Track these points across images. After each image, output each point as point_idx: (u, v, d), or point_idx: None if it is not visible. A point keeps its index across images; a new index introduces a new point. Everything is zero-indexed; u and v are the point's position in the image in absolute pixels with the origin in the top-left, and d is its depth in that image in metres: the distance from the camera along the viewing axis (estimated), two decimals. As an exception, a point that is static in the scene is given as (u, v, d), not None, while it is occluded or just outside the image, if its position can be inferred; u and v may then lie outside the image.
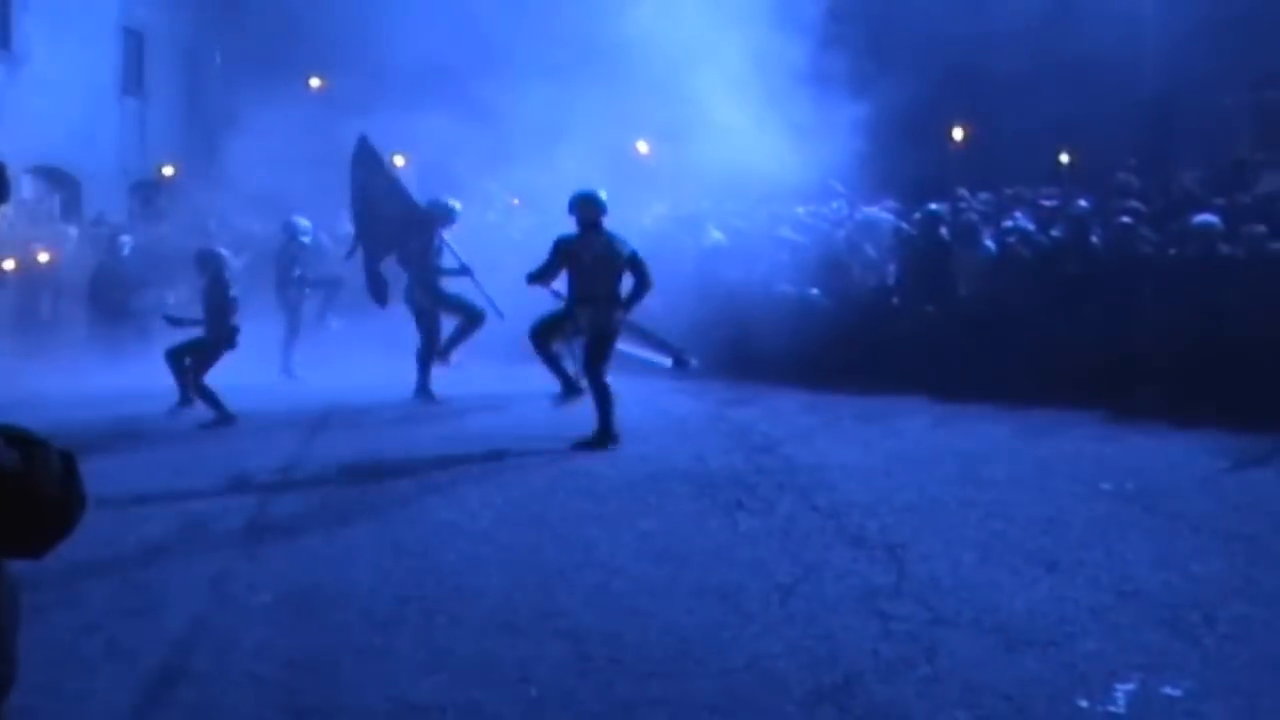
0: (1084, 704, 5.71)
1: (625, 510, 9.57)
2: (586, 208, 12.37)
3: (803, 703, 5.78)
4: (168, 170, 29.11)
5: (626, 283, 12.37)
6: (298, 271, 17.31)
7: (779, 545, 8.53)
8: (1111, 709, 5.67)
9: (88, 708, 5.68)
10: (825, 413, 13.84)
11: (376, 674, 6.11)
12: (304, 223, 17.93)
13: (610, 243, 12.31)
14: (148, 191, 29.73)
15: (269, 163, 20.34)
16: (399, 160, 24.87)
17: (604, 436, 12.06)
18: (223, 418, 13.53)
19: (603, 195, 12.48)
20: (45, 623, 6.39)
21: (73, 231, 23.42)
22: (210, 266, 13.99)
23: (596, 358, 12.24)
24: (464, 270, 15.11)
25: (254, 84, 25.28)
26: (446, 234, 15.27)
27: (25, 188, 29.05)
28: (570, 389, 12.86)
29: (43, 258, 21.12)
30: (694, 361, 14.32)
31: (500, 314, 14.87)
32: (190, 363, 13.95)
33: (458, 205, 15.63)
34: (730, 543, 8.68)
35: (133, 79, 32.83)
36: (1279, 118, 21.49)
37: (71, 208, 28.86)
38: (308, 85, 28.49)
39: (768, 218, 18.74)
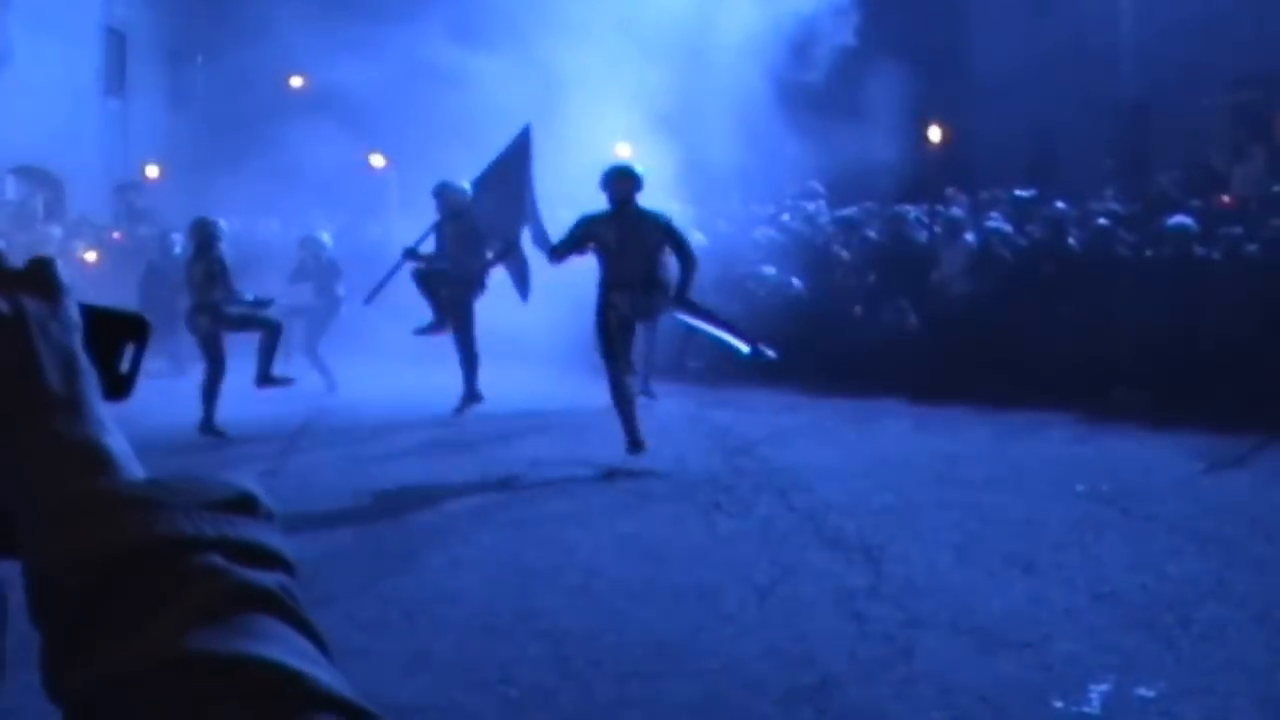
0: (1059, 705, 5.75)
1: (604, 512, 9.59)
2: (619, 182, 11.27)
3: (780, 703, 5.81)
4: (151, 171, 29.02)
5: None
6: (340, 290, 16.06)
7: (757, 547, 8.56)
8: (1086, 710, 5.71)
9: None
10: (803, 414, 13.86)
11: (359, 675, 6.04)
12: (326, 237, 16.79)
13: (640, 222, 11.23)
14: (130, 192, 29.62)
15: (252, 163, 20.29)
16: (378, 161, 24.84)
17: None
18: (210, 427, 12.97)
19: (639, 169, 11.56)
20: (29, 620, 6.39)
21: (56, 232, 23.32)
22: (199, 234, 13.20)
23: (618, 345, 11.24)
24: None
25: (237, 84, 25.24)
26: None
27: (9, 189, 28.97)
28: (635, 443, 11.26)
29: (89, 257, 20.98)
30: (771, 353, 13.04)
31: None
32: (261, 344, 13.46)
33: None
34: (708, 544, 8.70)
35: (115, 79, 32.72)
36: (1255, 120, 21.57)
37: (54, 208, 28.75)
38: (289, 85, 28.43)
39: (747, 218, 18.79)
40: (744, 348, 12.75)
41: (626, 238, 11.15)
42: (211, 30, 30.15)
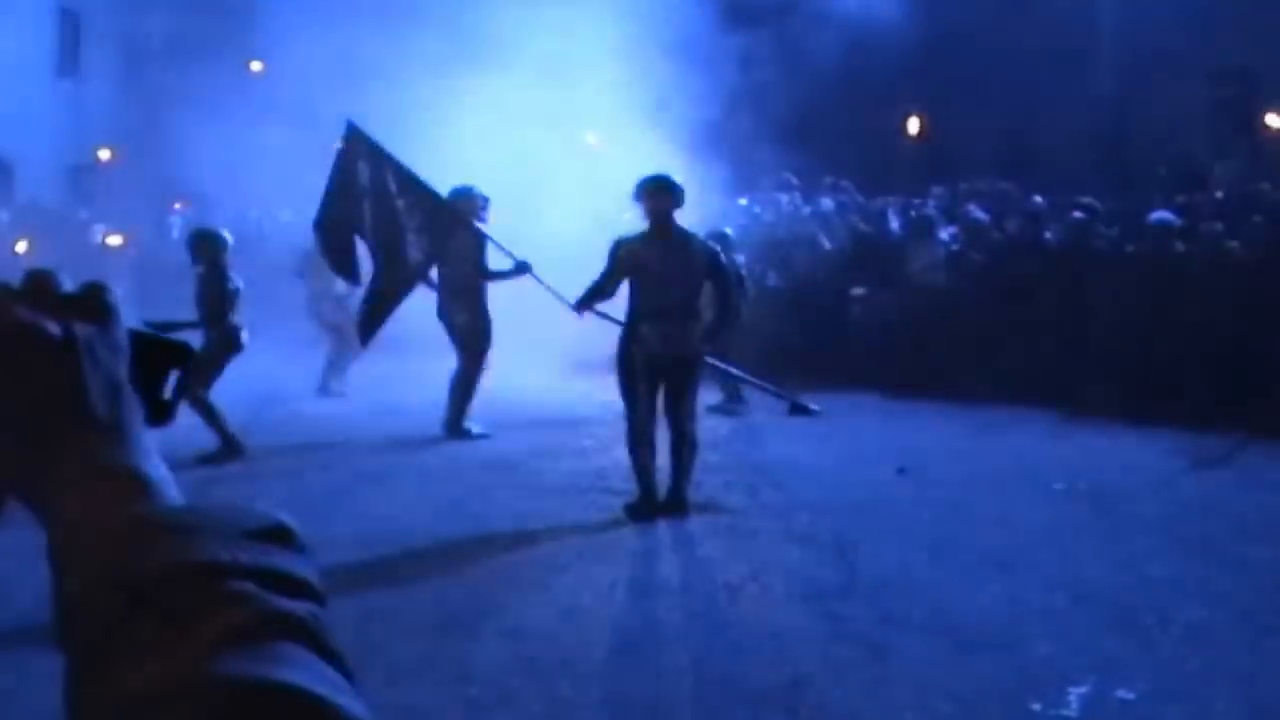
0: (1036, 707, 5.63)
1: (567, 508, 9.41)
2: (657, 196, 9.47)
3: (750, 703, 5.70)
4: (104, 154, 28.73)
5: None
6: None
7: (726, 544, 8.43)
8: (1064, 713, 5.60)
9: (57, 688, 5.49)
10: (774, 410, 13.68)
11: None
12: None
13: (685, 245, 9.49)
14: (82, 176, 29.34)
15: (209, 149, 20.06)
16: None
17: (677, 502, 9.31)
18: (230, 449, 11.14)
19: (678, 181, 9.74)
20: (7, 604, 6.25)
21: (3, 216, 23.05)
22: (206, 250, 11.55)
23: (677, 395, 9.39)
24: (522, 268, 11.89)
25: (195, 67, 24.97)
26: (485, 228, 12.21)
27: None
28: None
29: (113, 241, 20.65)
30: (816, 408, 12.88)
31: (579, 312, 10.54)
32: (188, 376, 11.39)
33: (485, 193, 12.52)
34: (676, 541, 8.58)
35: (68, 60, 32.34)
36: (1236, 114, 21.59)
37: (3, 192, 28.38)
38: (248, 69, 28.11)
39: (719, 209, 18.65)
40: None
41: (669, 262, 9.35)
42: (169, 11, 29.78)
